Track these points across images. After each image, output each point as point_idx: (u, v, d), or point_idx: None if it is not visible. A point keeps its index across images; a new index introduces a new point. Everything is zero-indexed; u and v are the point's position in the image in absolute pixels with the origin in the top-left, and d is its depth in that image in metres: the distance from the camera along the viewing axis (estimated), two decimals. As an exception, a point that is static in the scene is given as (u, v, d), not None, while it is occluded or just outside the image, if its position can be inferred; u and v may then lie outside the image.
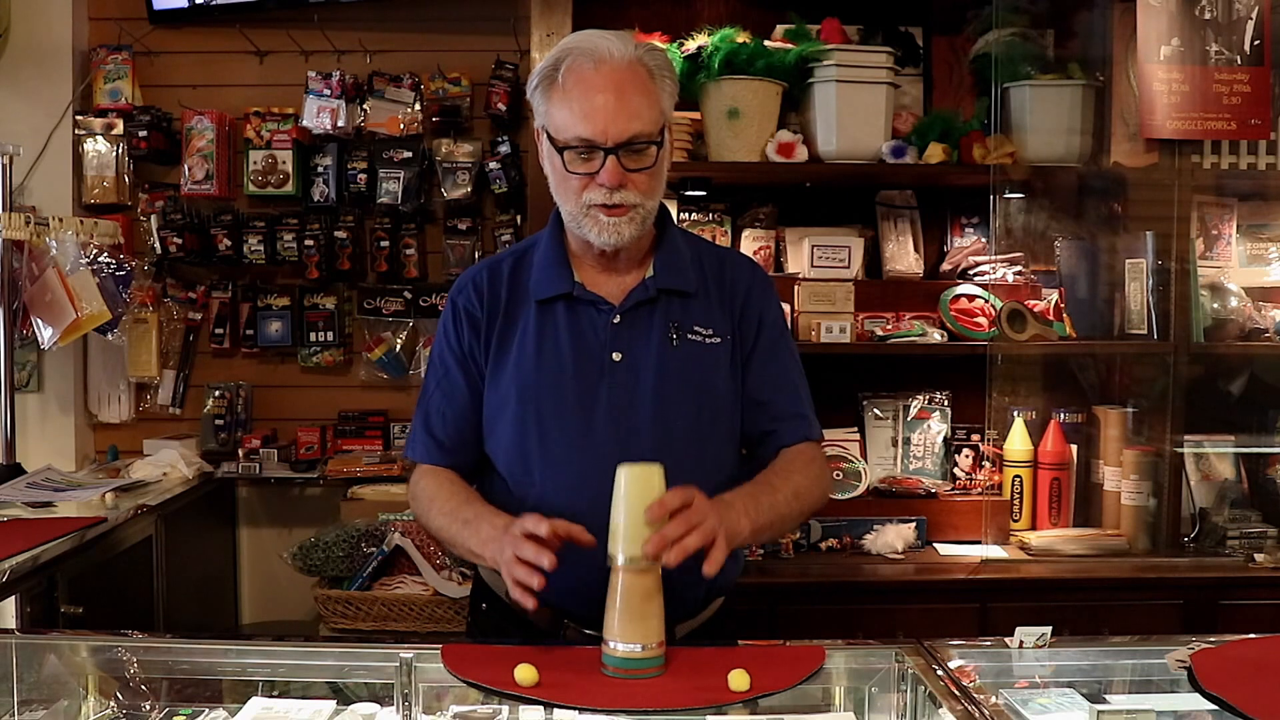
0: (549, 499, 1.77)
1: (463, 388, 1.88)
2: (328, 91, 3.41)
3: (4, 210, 3.09)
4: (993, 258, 3.13)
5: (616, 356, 1.81)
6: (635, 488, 1.56)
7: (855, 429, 3.19)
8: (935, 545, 2.97)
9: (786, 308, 3.00)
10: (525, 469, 1.82)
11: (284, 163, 3.47)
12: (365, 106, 3.46)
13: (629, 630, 1.54)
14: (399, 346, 3.55)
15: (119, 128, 3.42)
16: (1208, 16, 2.92)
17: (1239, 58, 2.93)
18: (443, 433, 1.90)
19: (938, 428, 3.19)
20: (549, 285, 1.85)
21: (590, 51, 1.73)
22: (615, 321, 1.82)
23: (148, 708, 1.64)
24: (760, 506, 1.75)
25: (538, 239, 1.93)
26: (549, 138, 1.77)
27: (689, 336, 1.84)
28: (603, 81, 1.71)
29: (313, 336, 3.54)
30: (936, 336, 3.04)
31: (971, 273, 3.20)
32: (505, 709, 1.56)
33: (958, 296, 3.10)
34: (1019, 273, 3.16)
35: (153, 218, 3.48)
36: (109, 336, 3.35)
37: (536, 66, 1.81)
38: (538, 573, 1.55)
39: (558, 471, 1.79)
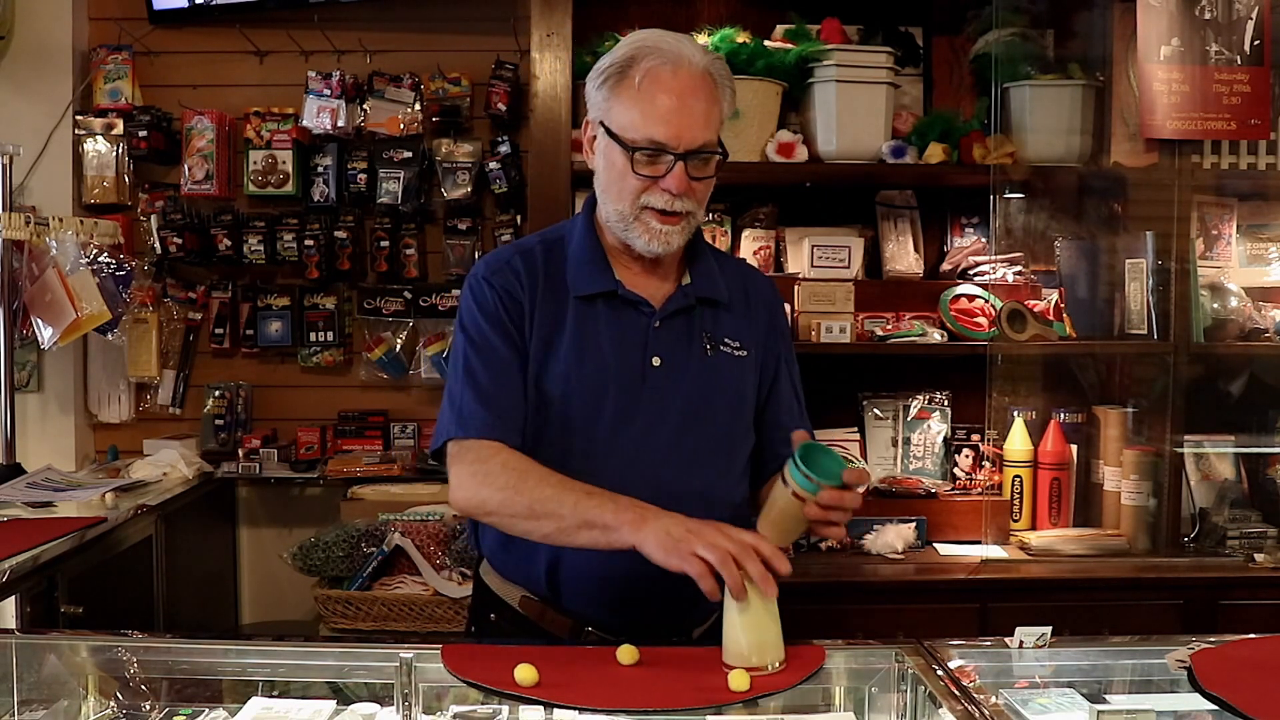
0: None
1: (512, 362, 1.77)
2: (328, 91, 3.41)
3: (4, 210, 3.10)
4: (993, 258, 3.13)
5: (656, 361, 1.79)
6: (758, 598, 1.55)
7: (855, 429, 3.19)
8: (935, 545, 2.97)
9: (786, 308, 3.00)
10: (564, 469, 1.76)
11: (284, 163, 3.47)
12: (365, 106, 3.46)
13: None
14: (399, 346, 3.55)
15: (119, 128, 3.42)
16: (1208, 16, 2.92)
17: (1239, 58, 2.93)
18: (501, 408, 1.74)
19: (938, 428, 3.19)
20: (590, 281, 1.80)
21: (668, 54, 1.72)
22: (656, 325, 1.80)
23: (148, 708, 1.64)
24: None
25: (566, 230, 1.87)
26: (611, 134, 1.73)
27: (721, 348, 1.83)
28: (680, 86, 1.71)
29: (313, 336, 3.54)
30: (936, 336, 3.04)
31: (971, 273, 3.20)
32: (505, 709, 1.56)
33: (958, 296, 3.10)
34: (1019, 273, 3.16)
35: (153, 218, 3.48)
36: (109, 336, 3.35)
37: (604, 58, 1.77)
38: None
39: (595, 472, 1.72)
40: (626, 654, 1.59)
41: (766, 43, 3.00)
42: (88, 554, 2.59)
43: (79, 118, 3.46)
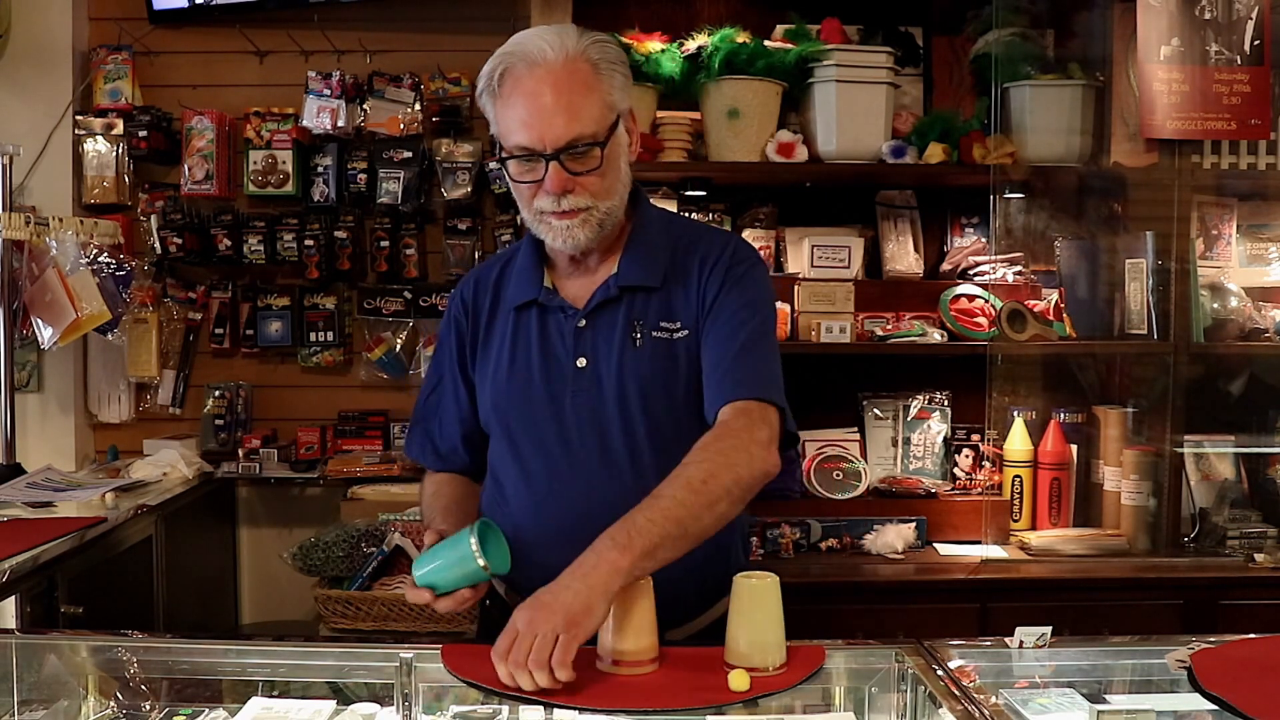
0: (533, 511, 1.78)
1: (451, 395, 1.92)
2: (328, 91, 3.41)
3: (4, 210, 3.09)
4: (993, 258, 3.13)
5: (581, 363, 1.77)
6: (753, 600, 1.56)
7: (855, 429, 3.19)
8: (935, 545, 2.97)
9: (786, 308, 3.00)
10: (512, 480, 1.82)
11: (284, 163, 3.47)
12: (365, 106, 3.46)
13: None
14: (399, 346, 3.55)
15: (119, 128, 3.42)
16: (1208, 16, 2.92)
17: (1239, 58, 2.93)
18: (438, 436, 1.96)
19: (938, 428, 3.19)
20: (521, 291, 1.84)
21: (525, 55, 1.69)
22: (580, 326, 1.78)
23: (148, 708, 1.64)
24: (636, 529, 1.54)
25: (523, 243, 1.92)
26: (500, 145, 1.75)
27: (654, 334, 1.77)
28: (537, 85, 1.67)
29: (313, 336, 3.54)
30: (936, 336, 3.04)
31: (971, 273, 3.20)
32: (505, 709, 1.56)
33: (958, 296, 3.11)
34: (1019, 273, 3.16)
35: (153, 218, 3.48)
36: (109, 336, 3.35)
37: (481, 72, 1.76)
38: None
39: (535, 483, 1.78)
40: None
41: (766, 43, 3.00)
42: (88, 554, 2.59)
43: (79, 118, 3.46)
